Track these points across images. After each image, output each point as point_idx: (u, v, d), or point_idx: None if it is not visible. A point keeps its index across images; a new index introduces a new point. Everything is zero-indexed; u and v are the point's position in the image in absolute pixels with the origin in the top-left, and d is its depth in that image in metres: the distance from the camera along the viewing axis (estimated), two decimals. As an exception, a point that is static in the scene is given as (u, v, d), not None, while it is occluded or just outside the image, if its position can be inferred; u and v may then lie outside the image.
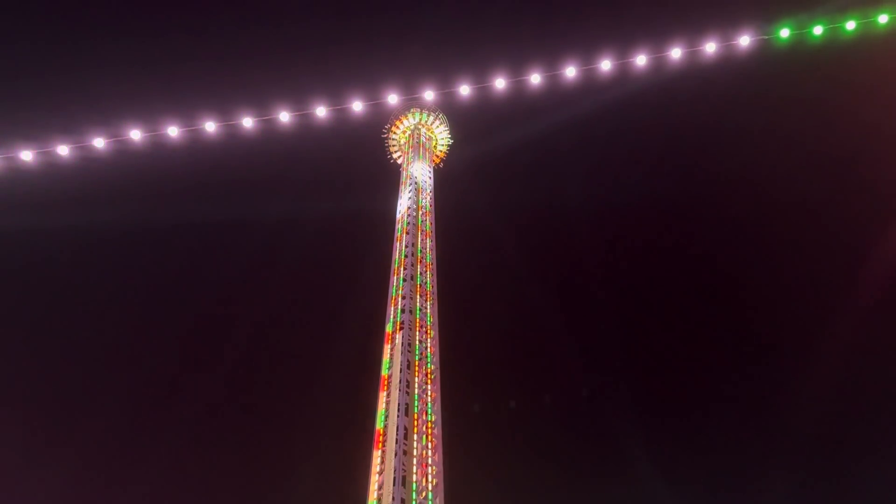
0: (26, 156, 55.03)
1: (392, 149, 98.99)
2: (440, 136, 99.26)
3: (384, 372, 57.04)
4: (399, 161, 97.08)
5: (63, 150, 55.84)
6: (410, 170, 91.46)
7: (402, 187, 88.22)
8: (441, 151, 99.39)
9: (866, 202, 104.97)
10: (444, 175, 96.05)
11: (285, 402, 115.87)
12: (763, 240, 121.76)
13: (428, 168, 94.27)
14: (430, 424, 53.31)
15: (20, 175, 56.14)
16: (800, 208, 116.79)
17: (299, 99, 58.87)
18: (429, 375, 57.85)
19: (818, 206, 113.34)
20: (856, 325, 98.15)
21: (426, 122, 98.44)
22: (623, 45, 57.66)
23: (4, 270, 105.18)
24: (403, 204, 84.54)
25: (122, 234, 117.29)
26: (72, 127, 56.96)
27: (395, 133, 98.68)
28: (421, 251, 73.80)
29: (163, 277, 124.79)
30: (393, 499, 46.48)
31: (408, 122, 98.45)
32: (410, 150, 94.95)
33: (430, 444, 51.46)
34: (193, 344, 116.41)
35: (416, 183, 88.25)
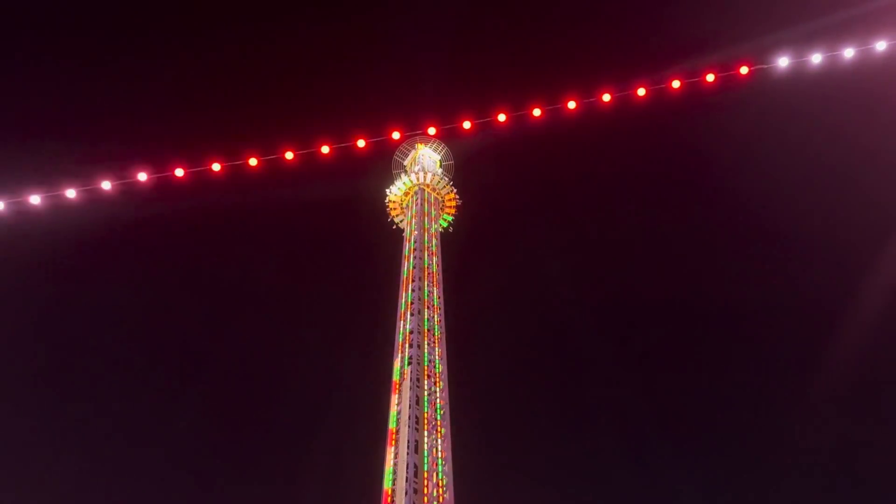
0: (35, 199, 55.68)
1: (393, 212, 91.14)
2: (446, 193, 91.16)
3: (395, 378, 59.69)
4: (401, 225, 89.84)
5: (70, 193, 56.45)
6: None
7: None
8: (450, 206, 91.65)
9: (862, 226, 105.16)
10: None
11: (295, 415, 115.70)
12: (765, 259, 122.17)
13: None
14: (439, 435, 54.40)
15: (28, 218, 56.85)
16: (796, 234, 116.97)
17: (303, 136, 59.51)
18: (437, 381, 59.39)
19: (815, 231, 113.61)
20: (854, 342, 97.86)
21: (431, 182, 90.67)
22: (623, 75, 58.22)
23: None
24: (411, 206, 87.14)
25: (127, 260, 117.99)
26: (79, 170, 57.60)
27: (395, 196, 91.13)
28: (427, 265, 75.94)
29: (171, 288, 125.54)
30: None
31: (410, 181, 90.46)
32: (414, 206, 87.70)
33: (442, 483, 51.55)
34: (198, 350, 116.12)
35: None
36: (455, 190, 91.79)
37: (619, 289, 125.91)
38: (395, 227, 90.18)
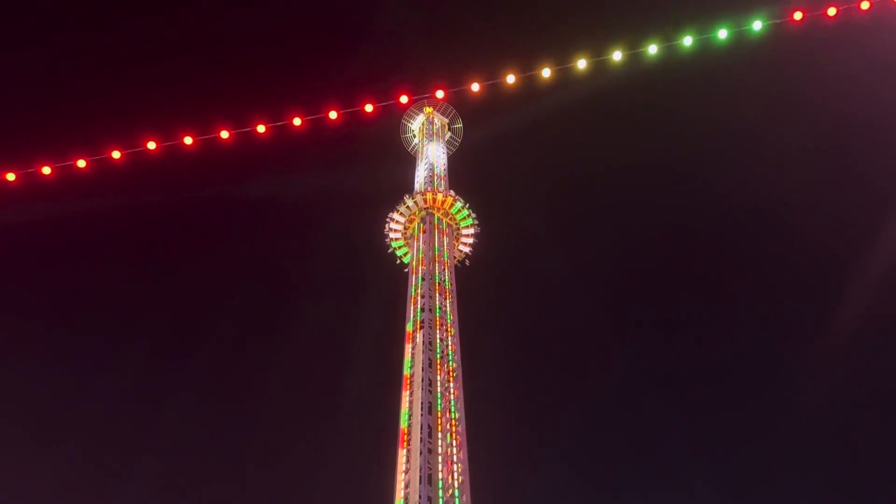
0: (46, 170, 55.96)
1: (395, 242, 77.89)
2: (461, 218, 77.76)
3: (406, 371, 57.98)
4: (405, 259, 76.38)
5: (81, 163, 56.63)
6: (425, 152, 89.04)
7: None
8: (466, 235, 78.01)
9: (864, 193, 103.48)
10: (458, 161, 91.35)
11: (305, 403, 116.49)
12: (764, 232, 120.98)
13: (443, 150, 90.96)
14: (453, 422, 53.71)
15: (40, 189, 57.24)
16: (805, 194, 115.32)
17: (310, 102, 59.04)
18: (451, 373, 58.39)
19: (823, 192, 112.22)
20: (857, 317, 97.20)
21: (441, 203, 77.38)
22: (634, 34, 57.23)
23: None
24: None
25: (135, 236, 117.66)
26: (90, 140, 57.63)
27: (397, 223, 77.89)
28: (438, 249, 73.53)
29: (180, 272, 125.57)
30: (420, 497, 46.96)
31: (415, 203, 76.91)
32: (421, 239, 73.82)
33: (454, 442, 51.79)
34: (204, 340, 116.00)
35: (430, 165, 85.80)
36: (473, 214, 78.14)
37: (618, 259, 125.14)
38: (397, 261, 77.13)
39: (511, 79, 58.60)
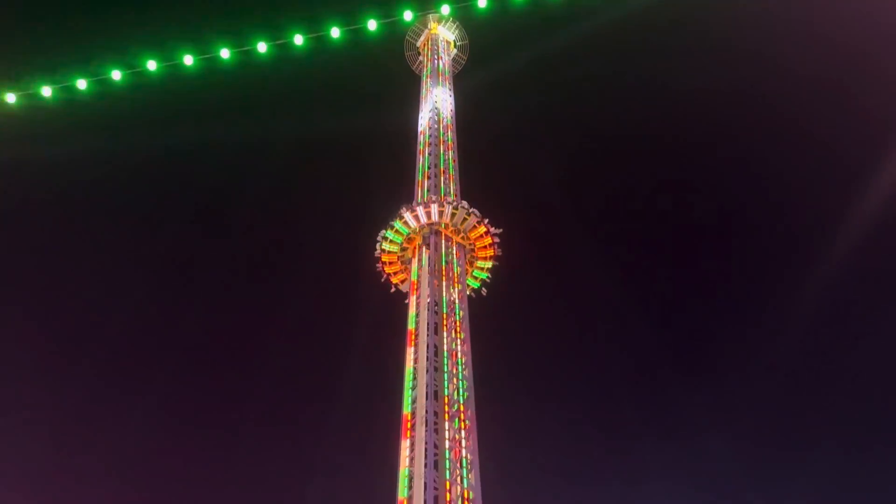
0: (46, 91, 55.43)
1: (389, 268, 63.55)
2: (476, 236, 62.76)
3: (410, 325, 56.74)
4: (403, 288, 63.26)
5: (81, 83, 56.03)
6: (430, 95, 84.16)
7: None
8: (481, 268, 63.72)
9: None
10: (463, 98, 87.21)
11: (307, 359, 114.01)
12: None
13: (449, 94, 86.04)
14: (461, 409, 51.35)
15: (40, 110, 56.90)
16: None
17: (313, 19, 57.64)
18: (458, 332, 56.37)
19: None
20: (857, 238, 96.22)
21: (453, 221, 62.38)
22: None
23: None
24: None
25: (138, 163, 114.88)
26: (89, 60, 56.81)
27: (392, 244, 62.58)
28: (444, 190, 67.92)
29: (174, 209, 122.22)
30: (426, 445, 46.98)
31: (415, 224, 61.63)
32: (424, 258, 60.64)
33: (462, 428, 49.67)
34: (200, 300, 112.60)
35: (436, 108, 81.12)
36: (492, 230, 62.51)
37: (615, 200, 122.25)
38: (394, 289, 63.36)
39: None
